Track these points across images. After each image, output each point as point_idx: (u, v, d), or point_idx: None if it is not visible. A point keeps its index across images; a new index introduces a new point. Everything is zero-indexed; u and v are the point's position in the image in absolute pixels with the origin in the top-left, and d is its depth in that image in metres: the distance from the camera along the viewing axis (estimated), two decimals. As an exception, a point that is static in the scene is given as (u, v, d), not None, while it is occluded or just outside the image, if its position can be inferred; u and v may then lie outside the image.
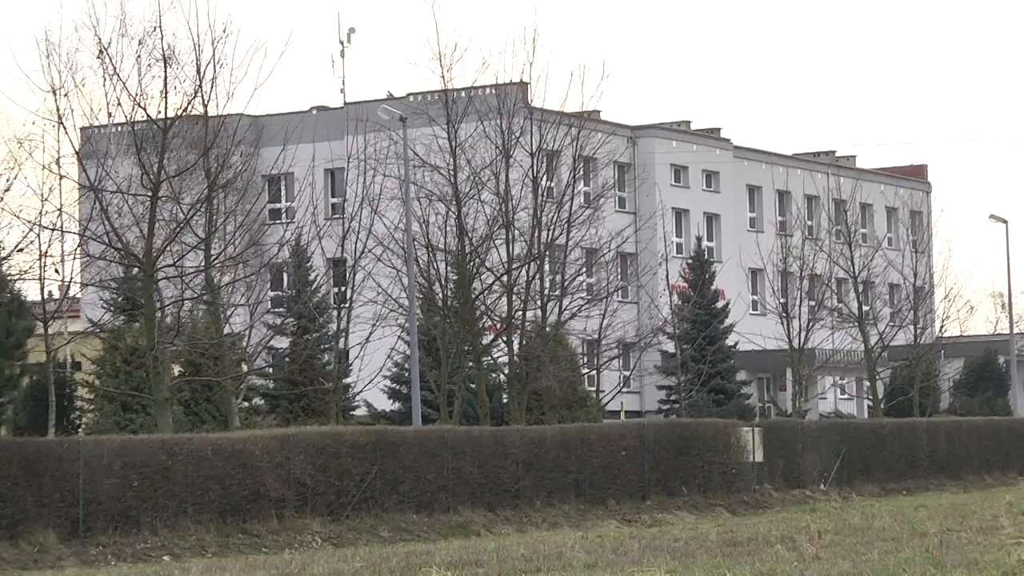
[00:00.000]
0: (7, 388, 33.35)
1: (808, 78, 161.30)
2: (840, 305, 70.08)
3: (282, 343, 54.46)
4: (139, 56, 40.52)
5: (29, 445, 34.34)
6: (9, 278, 35.25)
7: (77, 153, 44.89)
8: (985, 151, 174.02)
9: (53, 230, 46.72)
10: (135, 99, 40.72)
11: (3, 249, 37.49)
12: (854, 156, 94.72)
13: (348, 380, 54.27)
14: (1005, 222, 74.81)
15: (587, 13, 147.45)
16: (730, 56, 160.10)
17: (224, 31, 41.52)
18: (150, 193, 40.07)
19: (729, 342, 69.38)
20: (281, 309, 56.44)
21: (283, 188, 65.63)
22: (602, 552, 27.12)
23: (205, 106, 41.87)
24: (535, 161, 52.83)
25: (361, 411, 56.56)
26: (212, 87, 41.76)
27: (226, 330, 46.77)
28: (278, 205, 64.50)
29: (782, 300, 68.91)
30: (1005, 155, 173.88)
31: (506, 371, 51.43)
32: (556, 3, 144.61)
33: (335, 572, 24.16)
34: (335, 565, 25.77)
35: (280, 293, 58.22)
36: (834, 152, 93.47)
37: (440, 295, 51.98)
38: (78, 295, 54.79)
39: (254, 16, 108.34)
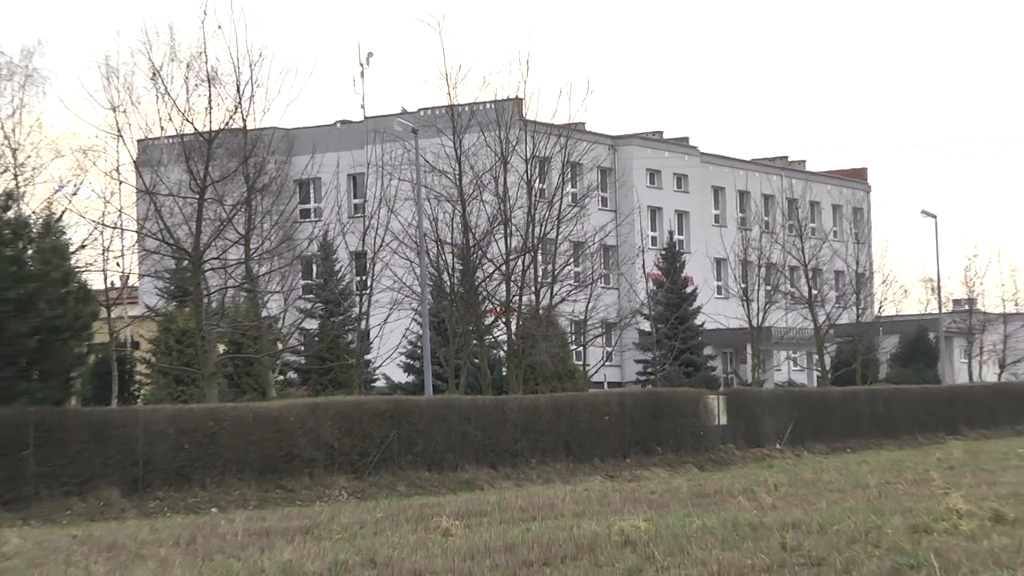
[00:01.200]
0: (76, 365, 33.20)
1: (764, 92, 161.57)
2: (792, 289, 70.24)
3: (312, 325, 54.50)
4: (187, 77, 40.70)
5: (95, 414, 34.47)
6: (76, 270, 35.17)
7: (134, 162, 45.10)
8: (918, 154, 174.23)
9: (114, 228, 47.02)
10: (184, 115, 40.86)
11: (71, 245, 37.51)
12: (804, 160, 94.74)
13: (369, 356, 54.35)
14: (934, 217, 74.82)
15: (573, 36, 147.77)
16: (697, 74, 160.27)
17: (260, 55, 41.52)
18: (197, 196, 40.08)
19: (697, 322, 69.42)
20: (311, 295, 56.46)
21: (312, 191, 65.64)
22: (588, 503, 27.14)
23: (244, 120, 41.89)
24: (529, 166, 52.64)
25: (380, 383, 56.65)
26: (250, 104, 41.82)
27: (263, 314, 46.80)
28: (307, 206, 64.55)
29: (743, 285, 68.99)
30: (936, 157, 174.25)
31: (505, 348, 51.42)
32: (547, 27, 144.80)
33: (359, 522, 24.09)
34: (359, 516, 25.73)
35: (310, 282, 58.19)
36: (787, 157, 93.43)
37: (448, 283, 51.89)
38: (136, 284, 54.83)
39: (286, 42, 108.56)
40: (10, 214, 31.91)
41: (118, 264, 49.88)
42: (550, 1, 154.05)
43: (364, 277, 54.61)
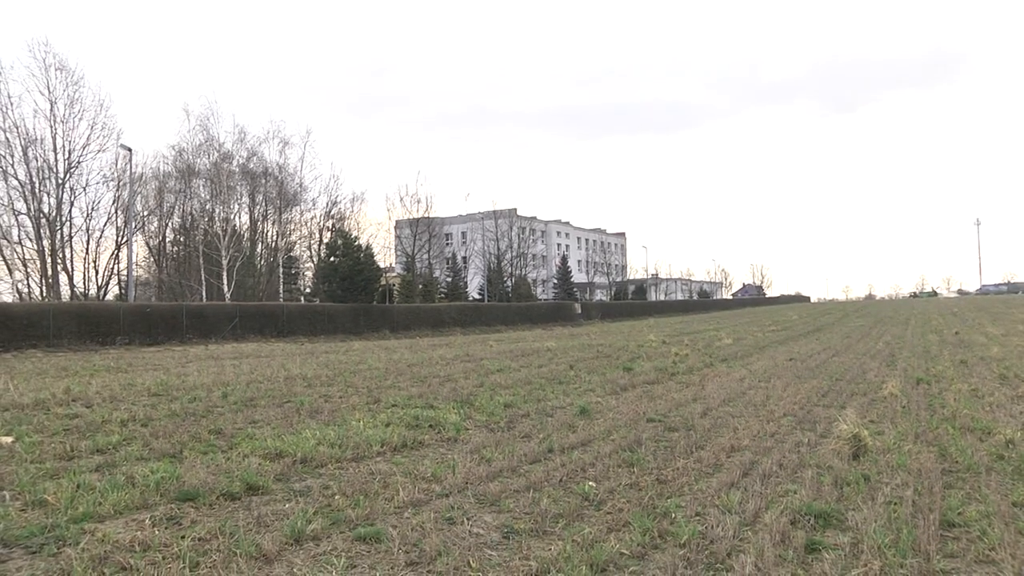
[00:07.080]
0: (374, 291, 33.18)
1: (596, 201, 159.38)
2: (603, 269, 69.73)
3: (449, 278, 54.40)
4: (411, 200, 40.79)
5: (382, 307, 33.66)
6: (376, 262, 35.21)
7: (395, 228, 44.61)
8: (642, 224, 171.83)
9: (387, 248, 47.20)
10: (409, 212, 40.73)
11: (375, 254, 37.59)
12: (606, 228, 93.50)
13: (468, 290, 54.17)
14: (646, 248, 74.70)
15: (535, 178, 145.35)
16: (571, 193, 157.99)
17: (433, 195, 41.93)
18: (412, 237, 40.06)
19: (572, 280, 68.89)
20: (449, 271, 56.28)
21: (452, 238, 65.31)
22: (536, 338, 26.85)
23: (428, 214, 41.68)
24: (519, 231, 52.65)
25: (470, 298, 56.38)
26: (430, 209, 41.70)
27: (434, 275, 46.62)
28: (449, 243, 64.20)
29: (587, 270, 68.34)
30: (649, 226, 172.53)
31: (511, 288, 51.40)
32: (530, 171, 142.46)
33: (463, 342, 23.53)
34: (463, 340, 25.44)
35: (449, 268, 57.98)
36: (600, 227, 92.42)
37: (493, 267, 51.94)
38: (395, 267, 54.80)
39: (440, 187, 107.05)
40: (356, 243, 31.97)
41: (386, 260, 49.93)
42: (533, 159, 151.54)
43: (466, 265, 54.72)
